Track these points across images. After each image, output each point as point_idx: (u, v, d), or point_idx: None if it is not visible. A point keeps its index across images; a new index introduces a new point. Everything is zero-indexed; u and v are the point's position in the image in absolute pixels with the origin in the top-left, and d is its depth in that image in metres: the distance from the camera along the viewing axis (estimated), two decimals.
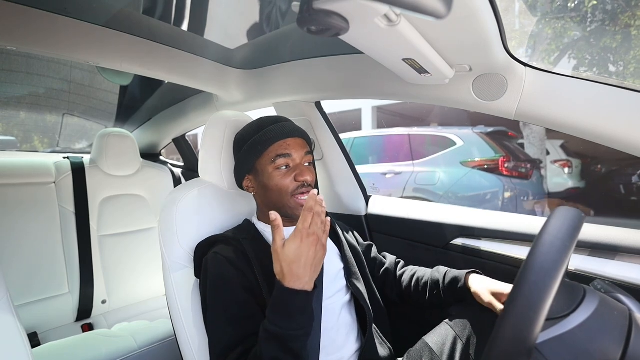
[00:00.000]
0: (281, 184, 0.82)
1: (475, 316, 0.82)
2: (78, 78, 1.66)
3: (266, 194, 0.85)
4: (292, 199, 0.82)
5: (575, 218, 0.49)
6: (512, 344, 0.42)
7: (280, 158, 0.82)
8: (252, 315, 0.74)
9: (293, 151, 0.83)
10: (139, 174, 1.85)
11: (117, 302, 1.70)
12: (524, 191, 4.03)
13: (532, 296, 0.42)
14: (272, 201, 0.85)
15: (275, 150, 0.83)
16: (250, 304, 0.75)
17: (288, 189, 0.82)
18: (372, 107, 9.55)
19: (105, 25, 0.99)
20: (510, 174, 3.98)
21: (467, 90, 0.87)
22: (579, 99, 0.77)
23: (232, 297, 0.75)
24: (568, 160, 5.76)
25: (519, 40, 6.00)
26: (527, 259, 0.46)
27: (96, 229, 1.67)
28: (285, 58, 1.21)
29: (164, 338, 1.28)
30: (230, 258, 0.79)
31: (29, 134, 2.46)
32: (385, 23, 0.56)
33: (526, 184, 4.04)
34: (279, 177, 0.82)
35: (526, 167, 4.17)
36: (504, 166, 3.95)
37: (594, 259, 0.87)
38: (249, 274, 0.78)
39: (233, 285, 0.76)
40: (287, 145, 0.83)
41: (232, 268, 0.78)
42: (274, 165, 0.82)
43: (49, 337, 1.45)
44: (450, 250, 1.14)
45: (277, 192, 0.82)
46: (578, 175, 5.88)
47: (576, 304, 0.50)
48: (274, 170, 0.82)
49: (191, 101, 1.69)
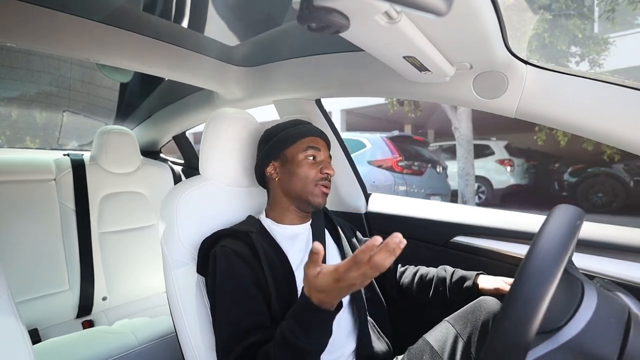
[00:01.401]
0: (309, 171, 0.89)
1: (476, 314, 0.82)
2: (78, 75, 1.66)
3: (292, 179, 0.90)
4: (316, 187, 0.89)
5: (575, 216, 0.49)
6: (510, 341, 0.42)
7: (311, 149, 0.90)
8: (260, 311, 0.75)
9: (321, 147, 0.93)
10: (139, 171, 1.85)
11: (118, 298, 1.70)
12: (416, 185, 5.20)
13: (531, 294, 0.43)
14: (296, 188, 0.89)
15: (308, 142, 0.91)
16: (258, 299, 0.76)
17: (314, 177, 0.89)
18: (340, 110, 9.87)
19: (105, 22, 0.99)
20: (402, 171, 5.05)
21: (467, 88, 0.87)
22: (581, 98, 0.77)
23: (240, 290, 0.76)
24: (510, 159, 6.76)
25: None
26: (526, 257, 0.46)
27: (97, 226, 1.67)
28: (285, 55, 1.20)
29: (165, 335, 1.29)
30: (239, 251, 0.80)
31: (20, 132, 2.44)
32: (386, 20, 0.56)
33: (418, 179, 5.23)
34: (308, 165, 0.89)
35: (419, 166, 5.32)
36: (397, 164, 5.04)
37: (593, 257, 0.88)
38: (257, 268, 0.79)
39: (242, 278, 0.77)
40: (317, 142, 0.93)
41: (241, 261, 0.79)
42: (305, 154, 0.90)
43: (50, 333, 1.45)
44: (450, 248, 1.14)
45: (304, 179, 0.89)
46: (520, 173, 6.88)
47: (576, 304, 0.50)
48: (305, 159, 0.90)
49: (191, 98, 1.69)
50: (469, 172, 6.11)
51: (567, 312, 0.50)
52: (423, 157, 5.61)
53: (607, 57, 5.85)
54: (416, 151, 5.60)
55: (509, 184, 6.73)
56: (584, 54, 5.89)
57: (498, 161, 6.81)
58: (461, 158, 6.10)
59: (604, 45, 5.85)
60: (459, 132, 6.07)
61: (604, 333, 0.47)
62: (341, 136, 1.41)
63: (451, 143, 7.19)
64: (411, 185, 5.10)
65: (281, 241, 0.88)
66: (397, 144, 5.26)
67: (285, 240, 0.89)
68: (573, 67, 5.87)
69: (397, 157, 5.10)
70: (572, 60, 5.96)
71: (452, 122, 6.12)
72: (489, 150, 6.98)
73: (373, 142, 5.17)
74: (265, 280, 0.78)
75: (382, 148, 5.15)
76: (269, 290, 0.77)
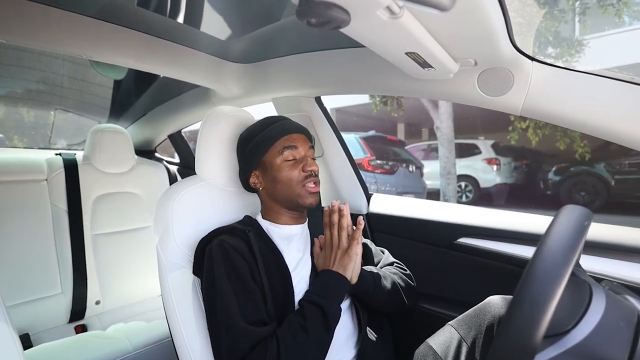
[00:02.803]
0: (290, 174, 0.87)
1: (481, 318, 0.82)
2: (70, 72, 1.66)
3: (275, 186, 0.89)
4: (302, 188, 0.87)
5: (582, 217, 0.49)
6: (516, 345, 0.42)
7: (287, 150, 0.88)
8: (260, 308, 0.76)
9: (298, 144, 0.90)
10: (134, 171, 1.85)
11: (112, 302, 1.70)
12: (388, 183, 5.60)
13: (538, 297, 0.43)
14: (282, 193, 0.89)
15: (282, 143, 0.89)
16: (257, 293, 0.77)
17: (297, 179, 0.87)
18: (330, 109, 9.90)
19: (98, 18, 0.99)
20: (373, 170, 5.45)
21: (472, 85, 0.87)
22: (589, 95, 0.76)
23: (239, 284, 0.77)
24: (496, 158, 7.02)
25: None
26: (533, 259, 0.46)
27: (89, 227, 1.67)
28: (284, 51, 1.20)
29: (160, 339, 1.29)
30: (237, 246, 0.81)
31: (9, 131, 2.44)
32: (388, 15, 0.56)
33: (389, 178, 5.66)
34: (288, 168, 0.88)
35: (391, 165, 5.75)
36: (368, 164, 5.43)
37: (602, 259, 0.88)
38: (254, 265, 0.80)
39: (240, 270, 0.78)
40: (292, 139, 0.90)
41: (239, 255, 0.80)
42: (282, 157, 0.88)
43: (42, 338, 1.45)
44: (454, 250, 1.14)
45: (287, 183, 0.87)
46: (506, 172, 7.14)
47: (583, 307, 0.50)
48: (283, 162, 0.88)
49: (187, 96, 1.69)
50: (450, 171, 6.39)
51: (574, 316, 0.50)
52: (397, 157, 6.14)
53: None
54: (391, 151, 6.19)
55: (495, 182, 6.98)
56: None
57: (485, 160, 7.04)
58: (443, 157, 6.38)
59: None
60: (440, 131, 6.33)
61: (613, 337, 0.47)
62: (342, 136, 1.41)
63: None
64: (382, 184, 5.60)
65: (278, 242, 0.89)
66: (371, 144, 5.66)
67: (282, 241, 0.90)
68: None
69: (369, 156, 5.51)
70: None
71: (434, 121, 6.34)
72: (477, 150, 7.20)
73: (347, 142, 5.66)
74: (260, 280, 0.79)
75: (355, 147, 5.50)
76: (264, 290, 0.78)
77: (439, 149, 6.48)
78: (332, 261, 0.82)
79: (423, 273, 1.24)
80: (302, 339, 0.72)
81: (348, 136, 5.54)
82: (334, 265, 0.82)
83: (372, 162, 5.47)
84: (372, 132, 6.32)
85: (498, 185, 6.94)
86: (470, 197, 7.18)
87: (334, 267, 0.81)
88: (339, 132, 1.40)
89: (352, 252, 0.81)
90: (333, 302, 0.78)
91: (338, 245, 0.83)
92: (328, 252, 0.84)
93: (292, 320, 0.75)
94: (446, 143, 6.29)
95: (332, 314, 0.76)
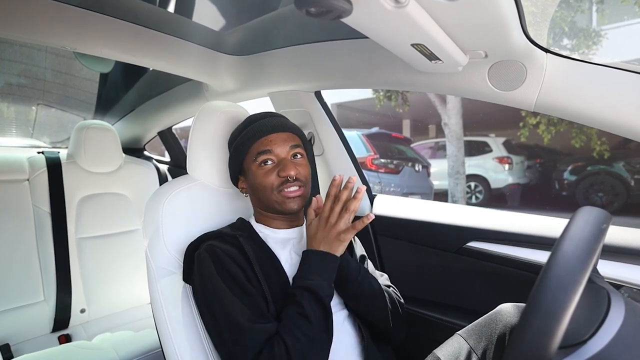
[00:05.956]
0: (265, 181, 0.87)
1: (492, 327, 0.82)
2: (54, 65, 1.66)
3: (255, 193, 0.90)
4: (279, 194, 0.86)
5: (600, 219, 0.49)
6: (530, 356, 0.42)
7: (261, 155, 0.87)
8: (262, 311, 0.76)
9: (275, 147, 0.88)
10: (121, 170, 1.85)
11: (98, 311, 1.70)
12: (393, 183, 5.52)
13: (553, 305, 0.43)
14: (261, 199, 0.89)
15: (257, 148, 0.88)
16: (255, 295, 0.77)
17: (272, 185, 0.86)
18: (331, 104, 9.96)
19: (83, 7, 0.98)
20: (377, 170, 5.37)
21: (482, 79, 0.87)
22: (607, 90, 0.76)
23: (236, 288, 0.77)
24: (508, 156, 7.01)
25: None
26: (547, 264, 0.46)
27: (74, 231, 1.67)
28: (281, 43, 1.20)
29: (149, 350, 1.29)
30: (228, 251, 0.81)
31: None
32: (393, 4, 0.56)
33: (394, 178, 5.56)
34: (262, 174, 0.87)
35: (396, 164, 5.65)
36: (371, 162, 5.33)
37: (621, 264, 0.88)
38: (248, 269, 0.80)
39: (235, 274, 0.78)
40: (268, 141, 0.88)
41: (231, 260, 0.80)
42: (256, 163, 0.88)
43: (23, 349, 1.45)
44: (463, 255, 1.14)
45: (262, 190, 0.87)
46: (519, 171, 7.14)
47: (601, 316, 0.50)
48: (258, 168, 0.88)
49: (179, 90, 1.69)
50: (459, 171, 6.36)
51: (591, 325, 0.50)
52: (403, 155, 6.06)
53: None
54: (396, 149, 6.10)
55: (507, 182, 6.95)
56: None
57: (496, 159, 7.02)
58: (451, 156, 6.34)
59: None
60: (448, 128, 6.28)
61: (633, 348, 0.47)
62: (344, 133, 1.41)
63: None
64: (387, 184, 5.49)
65: (273, 245, 0.89)
66: (374, 142, 5.54)
67: (277, 244, 0.90)
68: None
69: (372, 155, 5.41)
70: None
71: (441, 117, 6.31)
72: (488, 148, 7.19)
73: (349, 139, 5.64)
74: (258, 283, 0.79)
75: (358, 145, 5.44)
76: (264, 293, 0.78)
77: (447, 147, 6.46)
78: (322, 238, 0.80)
79: (430, 279, 1.24)
80: (304, 326, 0.73)
81: (350, 133, 5.51)
82: (322, 243, 0.80)
83: (376, 161, 5.42)
84: (376, 129, 6.24)
85: (510, 185, 6.93)
86: (480, 199, 7.17)
87: (321, 246, 0.80)
88: (340, 129, 1.40)
89: (345, 237, 0.80)
90: (324, 282, 0.78)
91: (334, 225, 0.79)
92: (322, 224, 0.81)
93: (289, 312, 0.75)
94: (455, 140, 6.26)
95: (324, 292, 0.77)
